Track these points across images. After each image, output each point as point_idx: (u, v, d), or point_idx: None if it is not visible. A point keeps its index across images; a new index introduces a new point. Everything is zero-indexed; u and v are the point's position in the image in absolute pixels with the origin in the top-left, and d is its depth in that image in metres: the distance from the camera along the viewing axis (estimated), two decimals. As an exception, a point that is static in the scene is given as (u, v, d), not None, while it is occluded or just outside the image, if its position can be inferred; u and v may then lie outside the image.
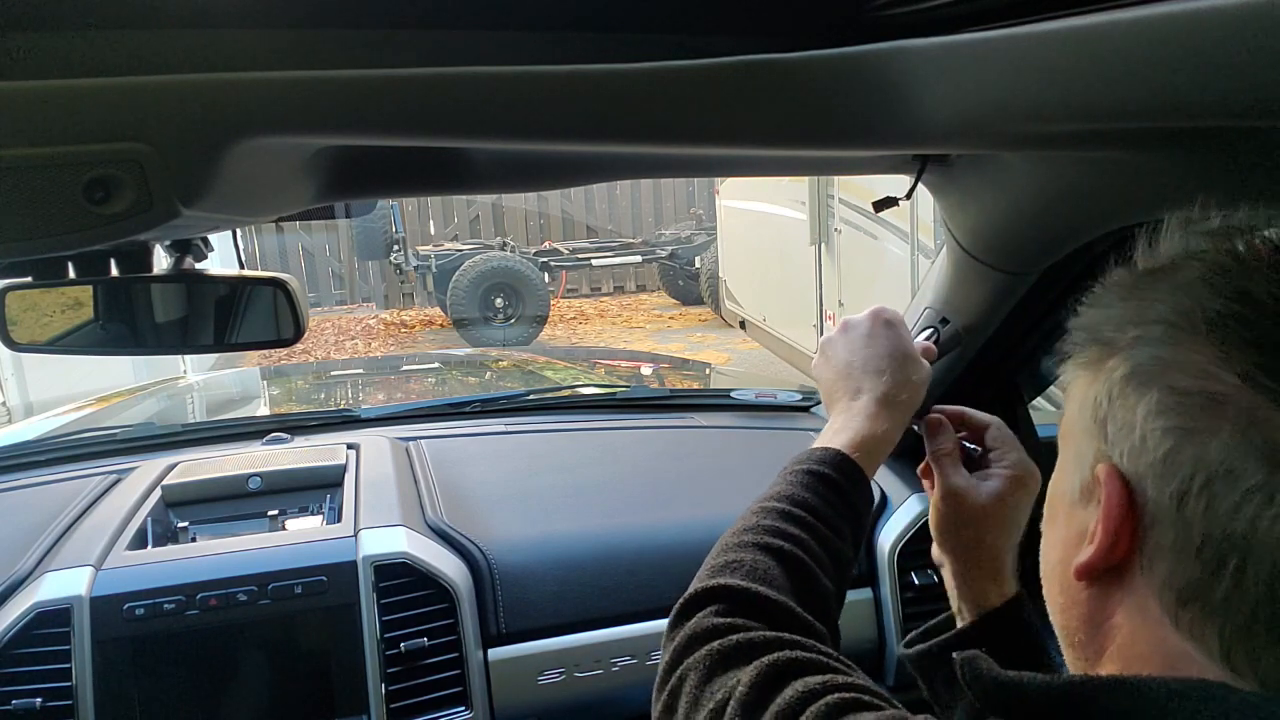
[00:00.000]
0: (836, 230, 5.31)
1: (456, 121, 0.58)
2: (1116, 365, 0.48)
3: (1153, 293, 0.48)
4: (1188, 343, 0.45)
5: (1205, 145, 0.61)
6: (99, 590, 1.09)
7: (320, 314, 10.08)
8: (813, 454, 0.76)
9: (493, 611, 1.21)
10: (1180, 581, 0.45)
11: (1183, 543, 0.44)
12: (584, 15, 0.57)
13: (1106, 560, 0.48)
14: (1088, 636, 0.51)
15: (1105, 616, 0.50)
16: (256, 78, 0.54)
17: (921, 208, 3.95)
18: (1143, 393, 0.46)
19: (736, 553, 0.66)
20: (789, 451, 0.84)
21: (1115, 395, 0.48)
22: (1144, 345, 0.47)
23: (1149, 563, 0.46)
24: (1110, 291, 0.51)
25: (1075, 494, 0.52)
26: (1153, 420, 0.45)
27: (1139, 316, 0.48)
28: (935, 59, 0.53)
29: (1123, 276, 0.51)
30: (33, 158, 0.53)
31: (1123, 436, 0.47)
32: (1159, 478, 0.45)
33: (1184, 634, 0.45)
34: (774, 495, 0.72)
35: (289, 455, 1.48)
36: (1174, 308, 0.46)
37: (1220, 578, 0.43)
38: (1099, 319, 0.51)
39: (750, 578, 0.63)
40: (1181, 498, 0.44)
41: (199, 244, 0.89)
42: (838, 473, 0.73)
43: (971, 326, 1.15)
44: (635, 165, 1.03)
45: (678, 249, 9.78)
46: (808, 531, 0.69)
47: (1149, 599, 0.47)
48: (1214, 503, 0.43)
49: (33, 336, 0.91)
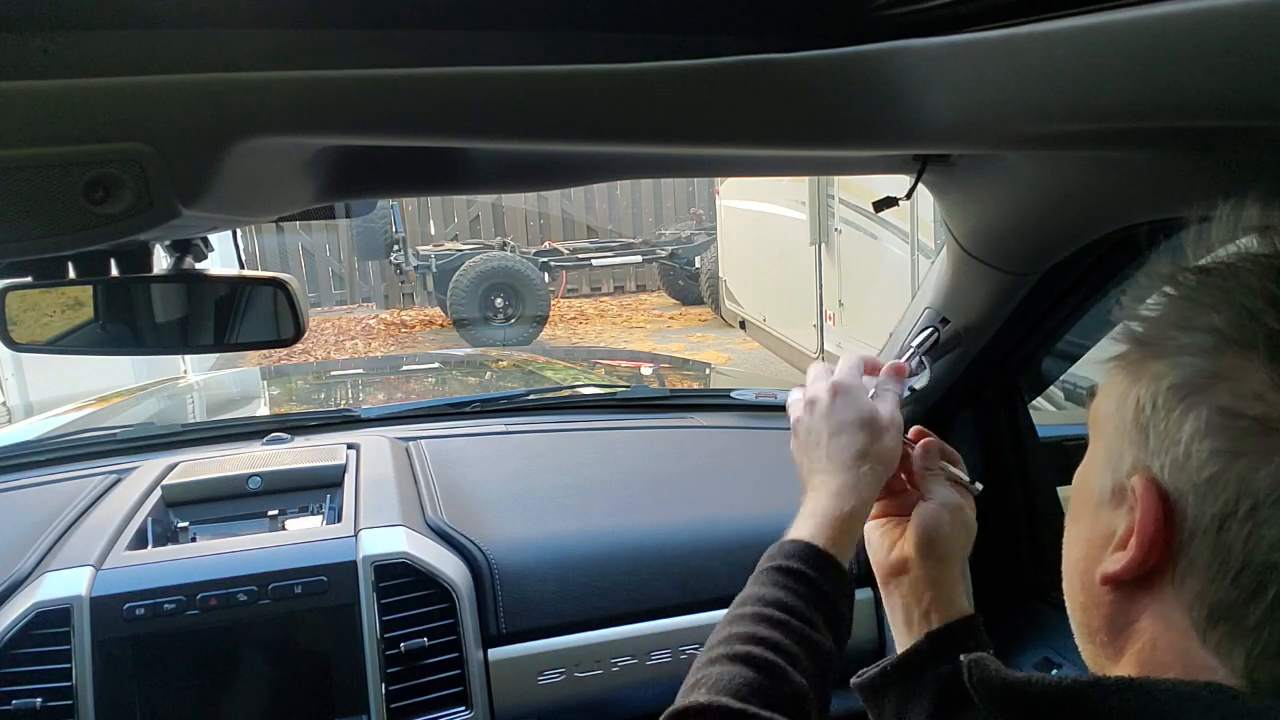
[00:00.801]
0: (836, 230, 5.31)
1: (456, 121, 0.58)
2: (1163, 372, 0.47)
3: (1205, 296, 0.47)
4: (1242, 360, 0.44)
5: (1205, 145, 0.61)
6: (99, 590, 1.09)
7: (320, 314, 10.08)
8: (782, 547, 0.76)
9: (493, 611, 1.21)
10: (1212, 600, 0.44)
11: (1220, 564, 0.44)
12: (584, 15, 0.57)
13: (1136, 572, 0.47)
14: (1109, 636, 0.51)
15: (1129, 620, 0.49)
16: (256, 78, 0.54)
17: (921, 208, 3.95)
18: (1190, 407, 0.45)
19: (706, 668, 0.68)
20: (789, 451, 0.84)
21: (1160, 404, 0.46)
22: (1193, 355, 0.46)
23: (1181, 577, 0.46)
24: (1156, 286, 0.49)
25: (1106, 493, 0.51)
26: (1200, 440, 0.44)
27: (1188, 321, 0.47)
28: (935, 59, 0.53)
29: (1170, 270, 0.49)
30: (33, 158, 0.53)
31: (1165, 449, 0.46)
32: (1201, 497, 0.44)
33: (1210, 649, 0.45)
34: (746, 598, 0.74)
35: (289, 455, 1.48)
36: (1229, 319, 0.45)
37: (1257, 603, 0.43)
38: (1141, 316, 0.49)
39: (714, 691, 0.65)
40: (1224, 520, 0.43)
41: (199, 244, 0.89)
42: (805, 565, 0.74)
43: (972, 326, 1.15)
44: (635, 165, 1.03)
45: (678, 249, 9.78)
46: (778, 629, 0.70)
47: (1177, 610, 0.46)
48: (1258, 530, 0.42)
49: (33, 336, 0.91)
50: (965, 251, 1.07)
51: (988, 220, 1.00)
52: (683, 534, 1.33)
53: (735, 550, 1.30)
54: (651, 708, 1.23)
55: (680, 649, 1.25)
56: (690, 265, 9.73)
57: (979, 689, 0.53)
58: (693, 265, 9.69)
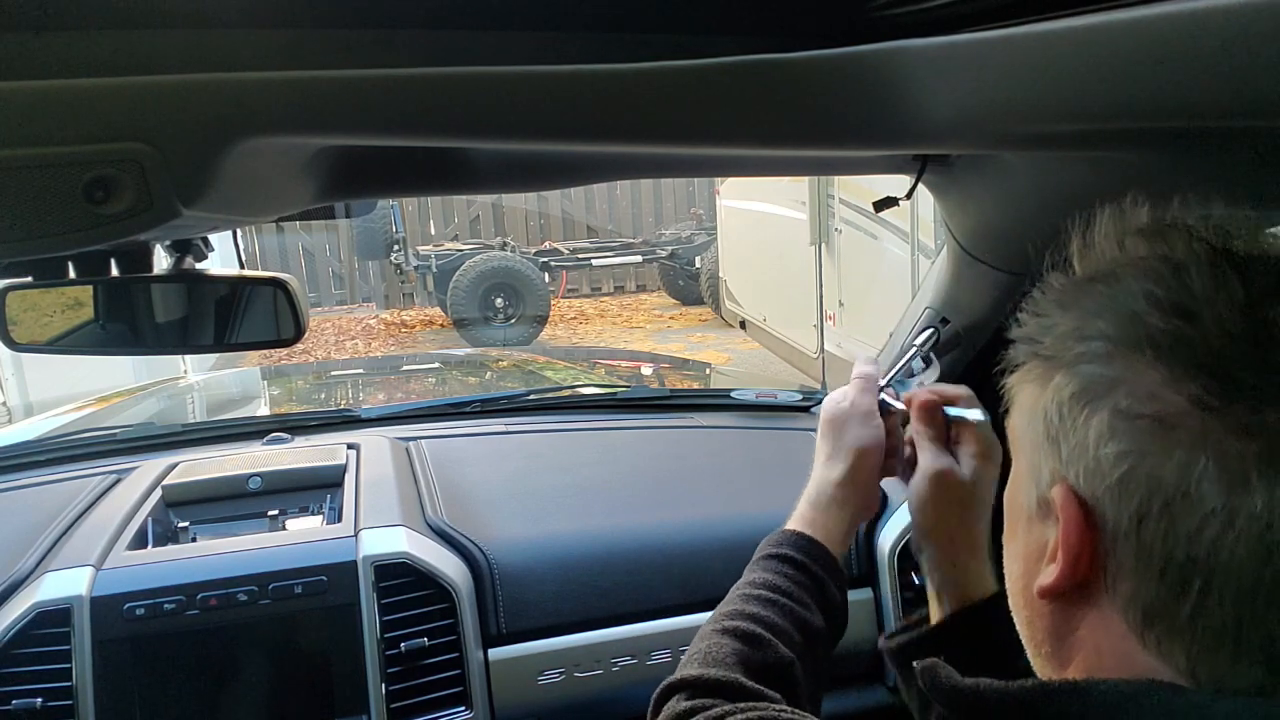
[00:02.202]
0: (836, 230, 5.31)
1: (456, 121, 0.58)
2: (1064, 382, 0.48)
3: (1091, 303, 0.48)
4: (1133, 362, 0.45)
5: (1205, 145, 0.61)
6: (99, 590, 1.09)
7: (320, 314, 10.08)
8: (773, 537, 0.85)
9: (493, 611, 1.21)
10: (1145, 601, 0.45)
11: (1145, 564, 0.44)
12: (584, 15, 0.57)
13: (1069, 581, 0.48)
14: (1053, 648, 0.51)
15: (1070, 630, 0.50)
16: (256, 78, 0.54)
17: (921, 208, 3.95)
18: (1093, 413, 0.46)
19: (698, 643, 0.74)
20: (789, 451, 0.85)
21: (1065, 414, 0.47)
22: (1088, 363, 0.47)
23: (1112, 583, 0.46)
24: (1049, 300, 0.51)
25: (1033, 508, 0.52)
26: (1105, 444, 0.45)
27: (1080, 330, 0.48)
28: (935, 59, 0.53)
29: (1060, 283, 0.51)
30: (33, 158, 0.53)
31: (1076, 457, 0.47)
32: (1116, 500, 0.45)
33: (1151, 651, 0.46)
34: (739, 584, 0.81)
35: (289, 455, 1.48)
36: (1115, 323, 0.46)
37: (1185, 599, 0.43)
38: (1039, 330, 0.51)
39: (704, 664, 0.70)
40: (1141, 520, 0.44)
41: (199, 244, 0.89)
42: (794, 550, 0.81)
43: (972, 326, 1.15)
44: (635, 165, 1.03)
45: (678, 249, 9.77)
46: (766, 606, 0.76)
47: (1114, 616, 0.47)
48: (1174, 526, 0.43)
49: (33, 336, 0.91)
50: (965, 251, 1.07)
51: (987, 220, 1.00)
52: (683, 534, 1.33)
53: (735, 550, 1.30)
54: (651, 708, 1.23)
55: (680, 649, 1.24)
56: (690, 265, 9.73)
57: (933, 694, 0.54)
58: (693, 265, 9.69)
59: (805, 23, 0.57)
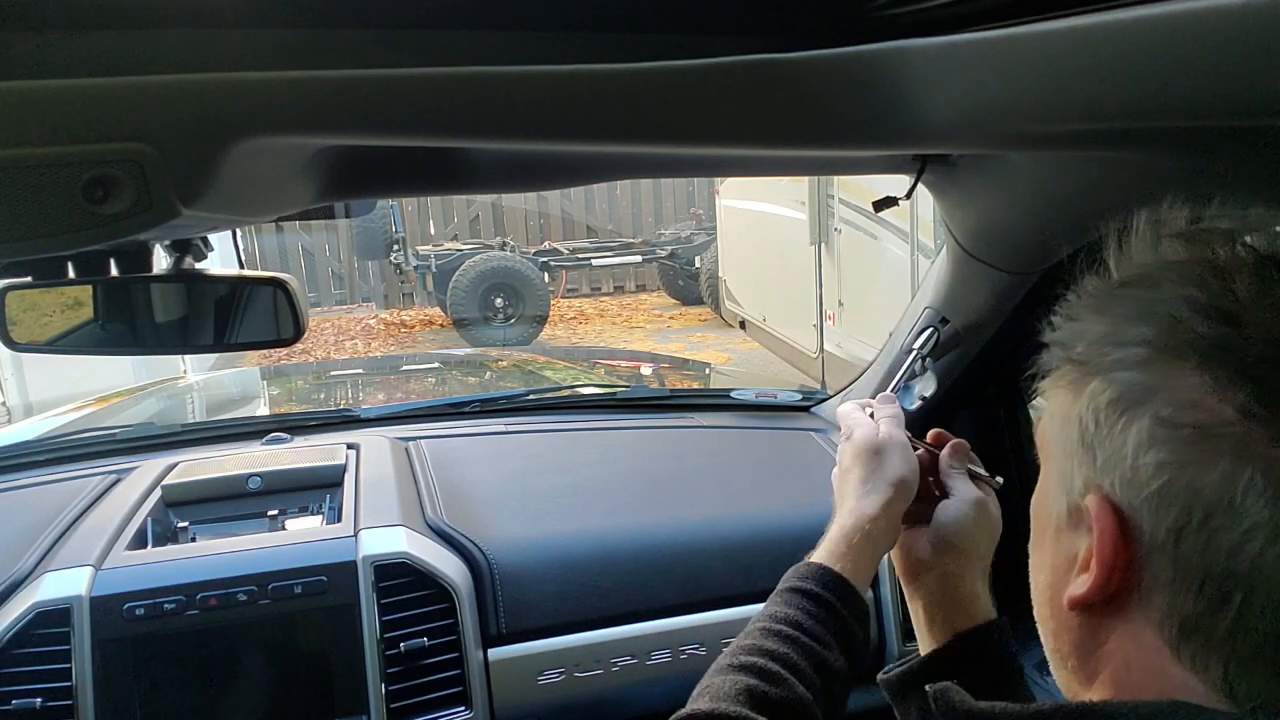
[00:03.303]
0: (836, 230, 5.31)
1: (456, 121, 0.58)
2: (1100, 389, 0.47)
3: (1129, 308, 0.47)
4: (1174, 369, 0.44)
5: (1205, 145, 0.61)
6: (99, 590, 1.09)
7: (320, 314, 10.07)
8: (798, 570, 0.80)
9: (493, 611, 1.21)
10: (1181, 615, 0.44)
11: (1182, 577, 0.43)
12: (584, 15, 0.57)
13: (1101, 593, 0.47)
14: (1079, 662, 0.50)
15: (1099, 644, 0.49)
16: (256, 78, 0.54)
17: (921, 208, 3.95)
18: (1131, 421, 0.45)
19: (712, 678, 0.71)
20: (789, 451, 0.85)
21: (1103, 421, 0.46)
22: (1126, 369, 0.46)
23: (1146, 595, 0.45)
24: (1084, 304, 0.50)
25: (1063, 517, 0.51)
26: (1145, 453, 0.44)
27: (1117, 335, 0.47)
28: (935, 59, 0.53)
29: (1096, 286, 0.50)
30: (33, 158, 0.53)
31: (1113, 465, 0.46)
32: (1154, 511, 0.44)
33: (1185, 665, 0.44)
34: (759, 617, 0.78)
35: (289, 455, 1.48)
36: (1156, 329, 0.45)
37: (1224, 613, 0.42)
38: (1074, 335, 0.50)
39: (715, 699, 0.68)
40: (1179, 533, 0.43)
41: (199, 244, 0.89)
42: (818, 585, 0.77)
43: (972, 326, 1.15)
44: (635, 165, 1.03)
45: (678, 249, 9.77)
46: (785, 643, 0.73)
47: (1146, 629, 0.46)
48: (1214, 539, 0.42)
49: (33, 336, 0.91)
50: (965, 251, 1.07)
51: (988, 220, 1.00)
52: (683, 534, 1.33)
53: (735, 550, 1.30)
54: (651, 708, 1.23)
55: (680, 649, 1.25)
56: (690, 265, 9.73)
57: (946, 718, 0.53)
58: (693, 265, 9.68)
59: (805, 23, 0.57)
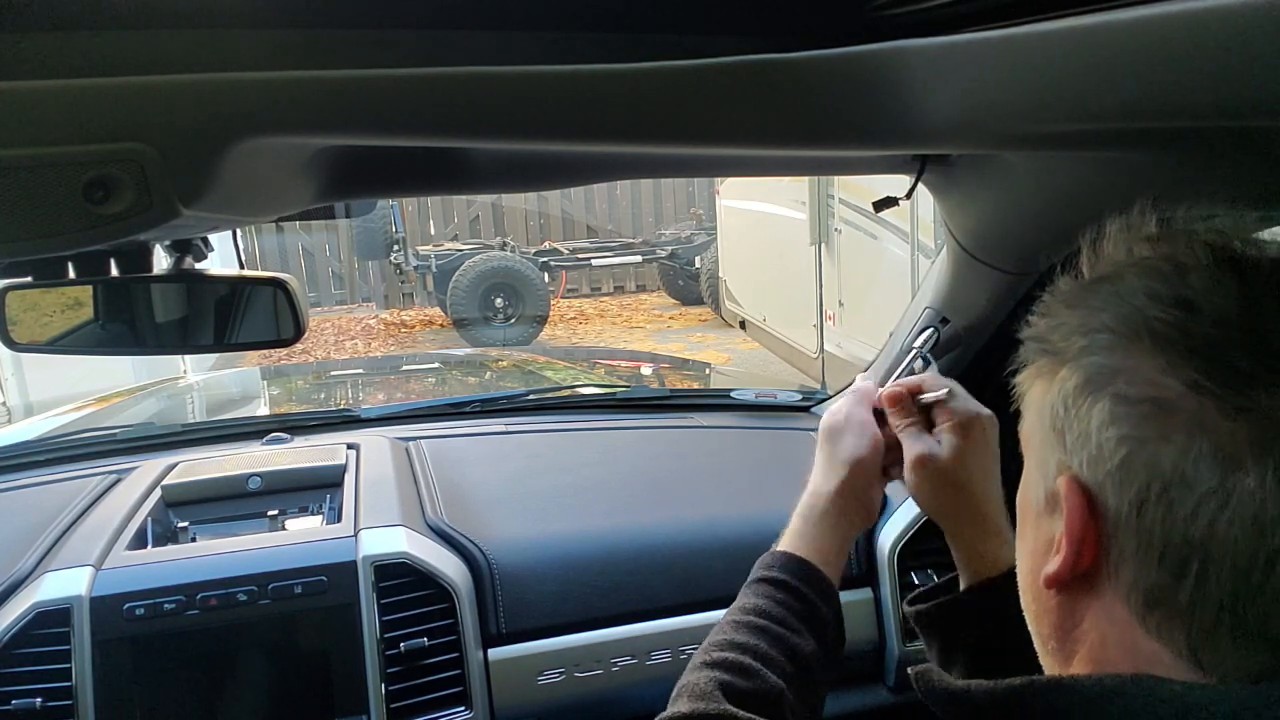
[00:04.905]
0: (836, 230, 5.31)
1: (456, 121, 0.58)
2: (1069, 375, 0.49)
3: (1096, 300, 0.50)
4: (1133, 351, 0.46)
5: (1205, 145, 0.61)
6: (99, 590, 1.09)
7: (320, 314, 10.07)
8: (763, 559, 0.84)
9: (493, 611, 1.21)
10: (1145, 586, 0.46)
11: (1145, 549, 0.45)
12: (584, 15, 0.57)
13: (1073, 570, 0.49)
14: (1059, 643, 0.52)
15: (1075, 622, 0.51)
16: (256, 78, 0.54)
17: (921, 208, 3.95)
18: (1095, 401, 0.47)
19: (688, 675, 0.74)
20: (789, 451, 0.85)
21: (1070, 405, 0.49)
22: (1091, 354, 0.48)
23: (1114, 569, 0.47)
24: (1057, 301, 0.53)
25: (1041, 504, 0.53)
26: (1106, 429, 0.46)
27: (1085, 325, 0.49)
28: (935, 59, 0.53)
29: (1068, 285, 0.53)
30: (33, 158, 0.53)
31: (1080, 445, 0.48)
32: (1117, 486, 0.46)
33: (1153, 636, 0.46)
34: (731, 609, 0.81)
35: (289, 455, 1.48)
36: (1117, 316, 0.48)
37: (1184, 582, 0.44)
38: (1047, 329, 0.52)
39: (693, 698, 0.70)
40: (1140, 505, 0.45)
41: (199, 244, 0.89)
42: (784, 573, 0.81)
43: (972, 326, 1.15)
44: (635, 165, 1.03)
45: (678, 249, 9.77)
46: (755, 635, 0.76)
47: (1117, 604, 0.48)
48: (1172, 509, 0.44)
49: (33, 336, 0.91)
50: (965, 251, 1.07)
51: (987, 220, 1.00)
52: (683, 534, 1.33)
53: (735, 550, 1.30)
54: (651, 708, 1.22)
55: (680, 649, 1.25)
56: (690, 265, 9.73)
57: (928, 699, 0.56)
58: (693, 265, 9.68)
59: (805, 23, 0.57)
